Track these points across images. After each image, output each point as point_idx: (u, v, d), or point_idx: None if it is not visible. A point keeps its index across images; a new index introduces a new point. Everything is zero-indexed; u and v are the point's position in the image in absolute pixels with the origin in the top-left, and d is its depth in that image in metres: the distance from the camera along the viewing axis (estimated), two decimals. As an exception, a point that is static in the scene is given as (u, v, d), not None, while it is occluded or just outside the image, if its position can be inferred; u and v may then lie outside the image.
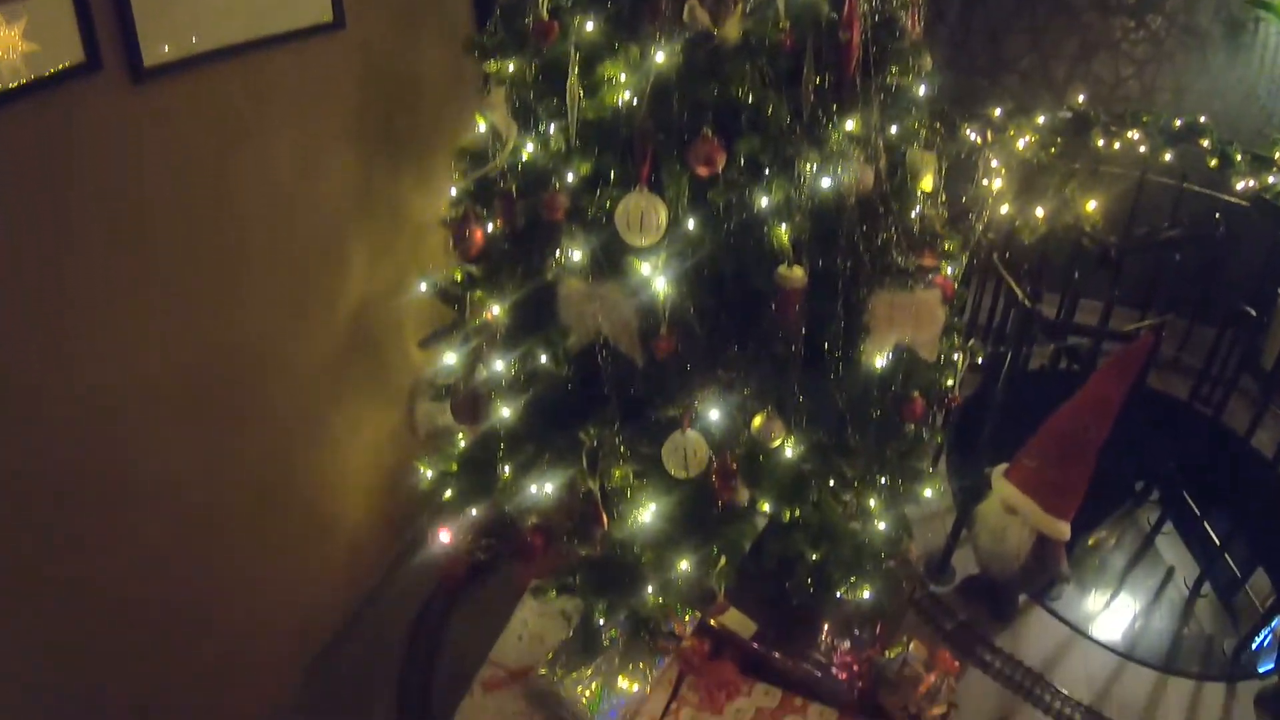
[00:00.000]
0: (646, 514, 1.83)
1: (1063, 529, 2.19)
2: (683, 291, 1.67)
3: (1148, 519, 2.74)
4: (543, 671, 1.91)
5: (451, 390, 1.97)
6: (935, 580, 2.47)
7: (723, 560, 1.88)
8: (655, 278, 1.61)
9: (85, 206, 1.41)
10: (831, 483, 1.90)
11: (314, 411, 2.09)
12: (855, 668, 1.97)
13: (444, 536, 1.98)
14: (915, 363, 1.94)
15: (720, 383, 1.76)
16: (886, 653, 1.97)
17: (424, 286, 2.03)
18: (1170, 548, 2.69)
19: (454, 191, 1.93)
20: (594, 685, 1.88)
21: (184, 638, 1.83)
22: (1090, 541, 2.72)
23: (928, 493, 2.05)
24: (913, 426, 2.04)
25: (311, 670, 2.22)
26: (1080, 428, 2.17)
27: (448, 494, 2.04)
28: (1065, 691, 2.31)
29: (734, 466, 1.78)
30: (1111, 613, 2.50)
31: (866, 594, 1.98)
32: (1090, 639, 2.41)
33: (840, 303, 1.72)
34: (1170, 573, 2.61)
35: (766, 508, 1.87)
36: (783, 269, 1.60)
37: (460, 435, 2.13)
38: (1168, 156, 2.88)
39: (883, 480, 2.02)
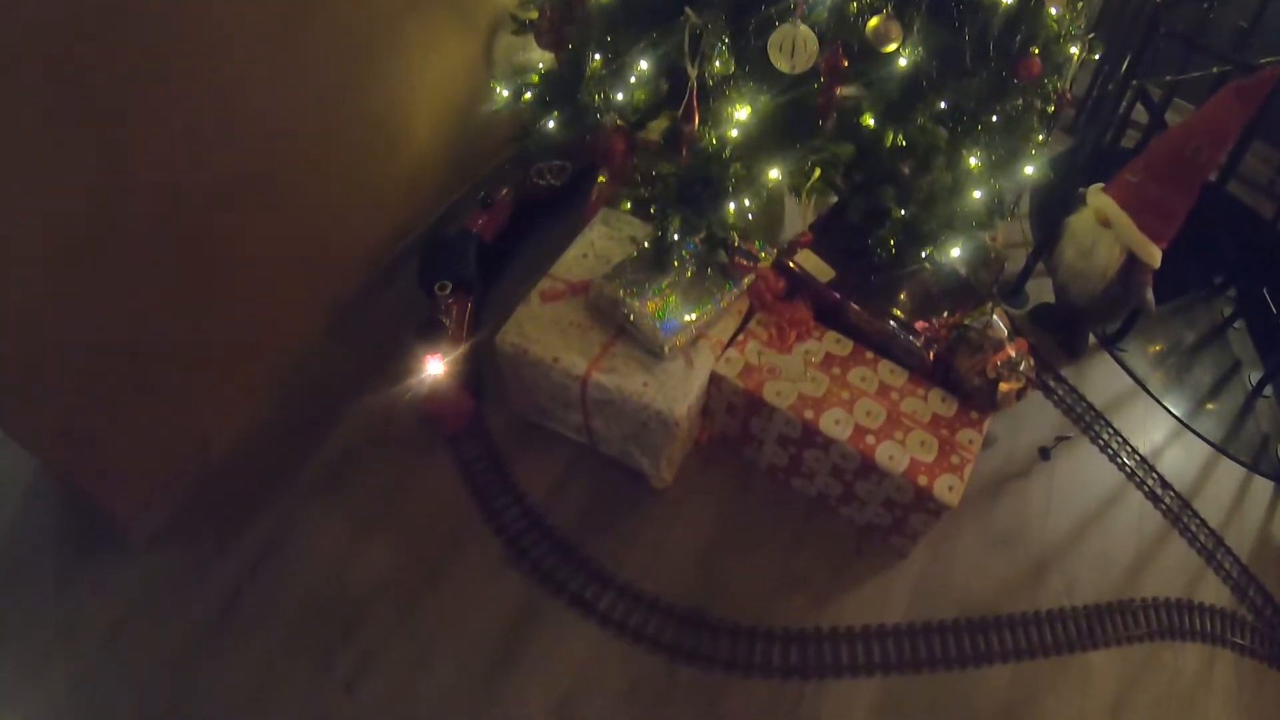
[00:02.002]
0: (741, 113, 1.68)
1: (1154, 253, 2.03)
2: None
3: (1222, 311, 2.59)
4: (604, 282, 1.76)
5: (538, 17, 1.81)
6: (1009, 302, 2.32)
7: (816, 173, 1.73)
8: None
9: None
10: (941, 106, 1.73)
11: (392, 15, 1.91)
12: (933, 332, 1.83)
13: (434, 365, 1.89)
14: (1038, 21, 1.77)
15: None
16: (968, 319, 1.82)
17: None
18: (1240, 345, 2.55)
19: None
20: (657, 301, 1.73)
21: (240, 257, 1.72)
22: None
23: (1028, 169, 1.89)
24: (1021, 99, 1.88)
25: (354, 304, 2.08)
26: (1192, 148, 2.00)
27: (525, 98, 1.88)
28: (1124, 435, 2.18)
29: (844, 63, 1.62)
30: (1175, 382, 2.36)
31: (955, 252, 1.84)
32: (1153, 397, 2.28)
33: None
34: (1237, 365, 2.47)
35: (870, 121, 1.72)
36: None
37: (541, 67, 1.97)
38: None
39: (985, 145, 1.86)
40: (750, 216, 1.78)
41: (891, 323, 1.83)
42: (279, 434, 1.97)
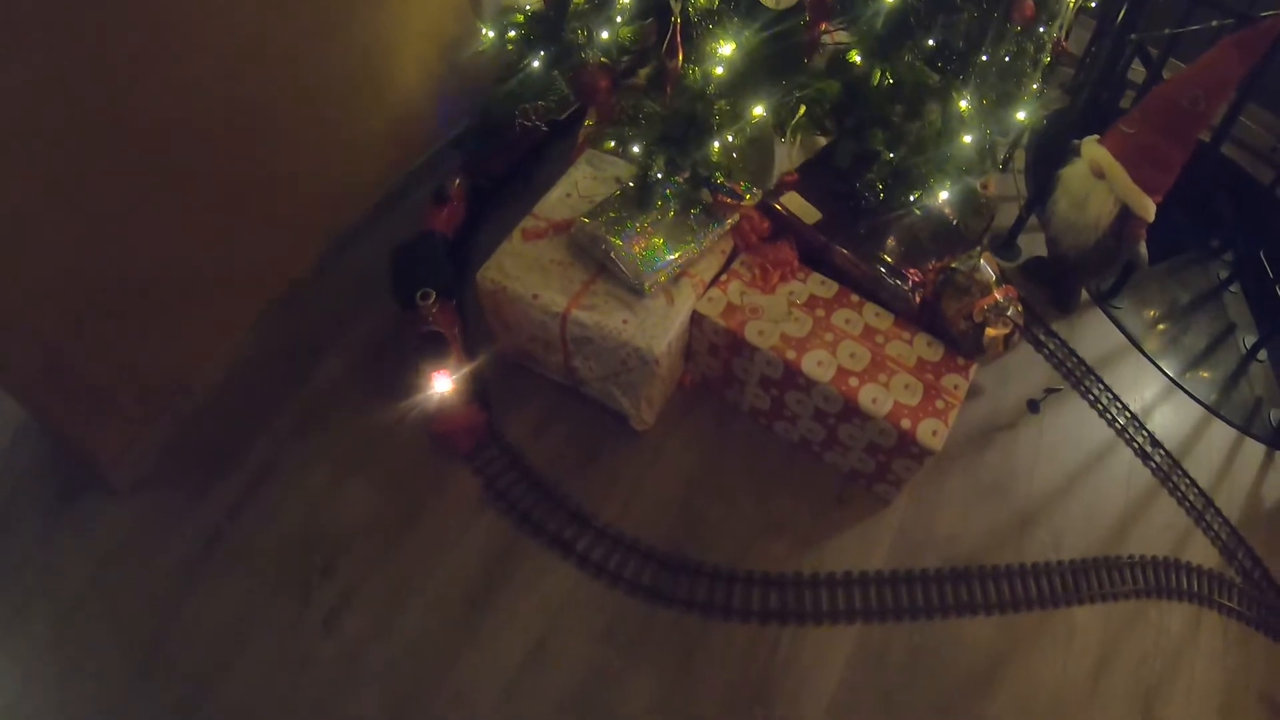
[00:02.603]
0: (726, 49, 1.64)
1: (1148, 205, 1.98)
2: None
3: (1218, 273, 2.54)
4: (586, 220, 1.73)
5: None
6: (1001, 255, 2.28)
7: (801, 110, 1.69)
8: None
9: None
10: (930, 44, 1.70)
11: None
12: (920, 276, 1.79)
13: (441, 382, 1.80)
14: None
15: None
16: (956, 262, 1.78)
17: None
18: (1235, 309, 2.50)
19: None
20: (641, 242, 1.70)
21: (225, 190, 1.69)
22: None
23: (1021, 115, 1.85)
24: (1015, 45, 1.84)
25: (345, 241, 2.05)
26: (1189, 98, 1.95)
27: (510, 37, 1.84)
28: (1115, 392, 2.15)
29: (833, -2, 1.58)
30: (1168, 341, 2.32)
31: (943, 196, 1.80)
32: (1145, 355, 2.24)
33: None
34: (1232, 328, 2.43)
35: (857, 58, 1.68)
36: None
37: (528, 8, 1.93)
38: None
39: (976, 89, 1.82)
40: (735, 156, 1.74)
41: (879, 266, 1.79)
42: (261, 375, 1.95)
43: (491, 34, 1.93)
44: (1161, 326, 2.34)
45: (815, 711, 1.64)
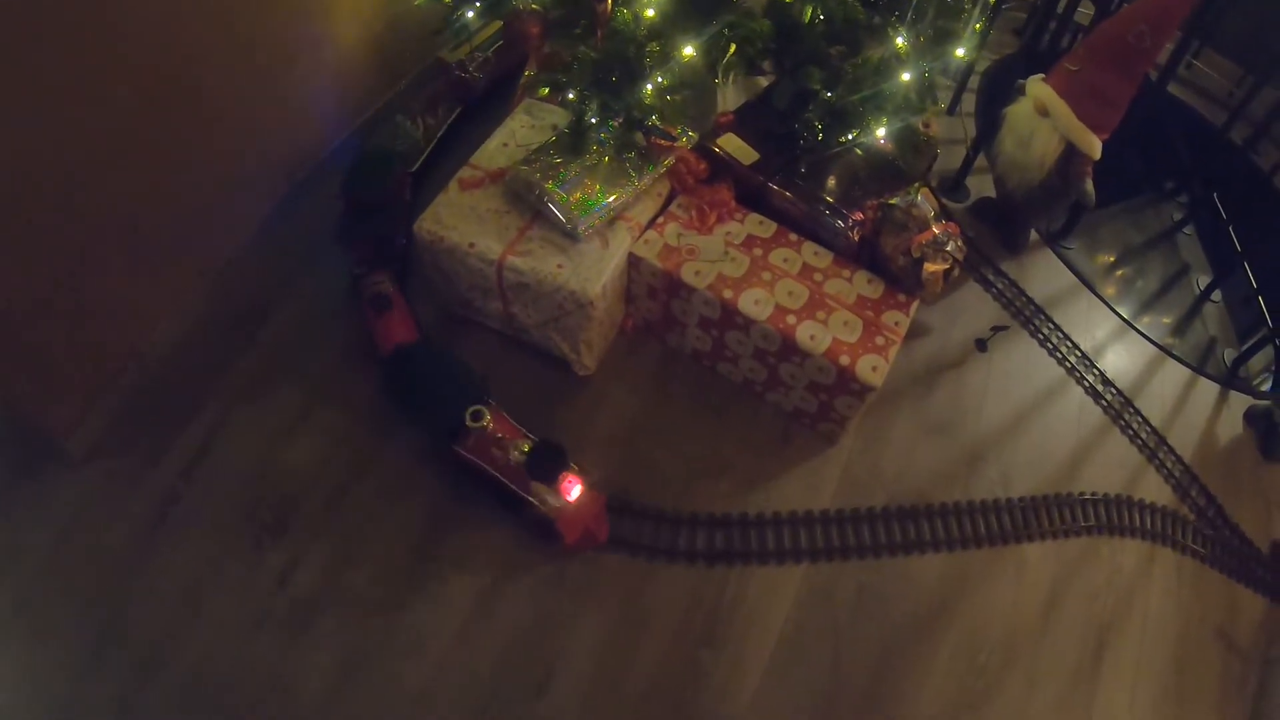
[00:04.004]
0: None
1: (1094, 143, 1.94)
2: None
3: (1172, 215, 2.50)
4: (521, 167, 1.69)
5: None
6: (950, 197, 2.24)
7: (732, 48, 1.65)
8: None
9: None
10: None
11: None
12: (859, 214, 1.75)
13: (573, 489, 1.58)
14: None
15: None
16: (895, 199, 1.74)
17: None
18: (1190, 251, 2.46)
19: None
20: (579, 192, 1.66)
21: (166, 152, 1.65)
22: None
23: (959, 51, 1.80)
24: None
25: (290, 202, 2.01)
26: (1135, 33, 1.90)
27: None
28: (1065, 331, 2.11)
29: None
30: (1120, 282, 2.28)
31: (881, 134, 1.75)
32: (1097, 295, 2.20)
33: None
34: (1186, 269, 2.39)
35: (788, -9, 1.63)
36: None
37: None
38: None
39: (912, 25, 1.77)
40: (671, 99, 1.70)
41: (818, 205, 1.75)
42: (210, 337, 1.91)
43: (426, -14, 1.88)
44: (1114, 267, 2.31)
45: (763, 651, 1.61)
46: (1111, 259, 2.33)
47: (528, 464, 1.57)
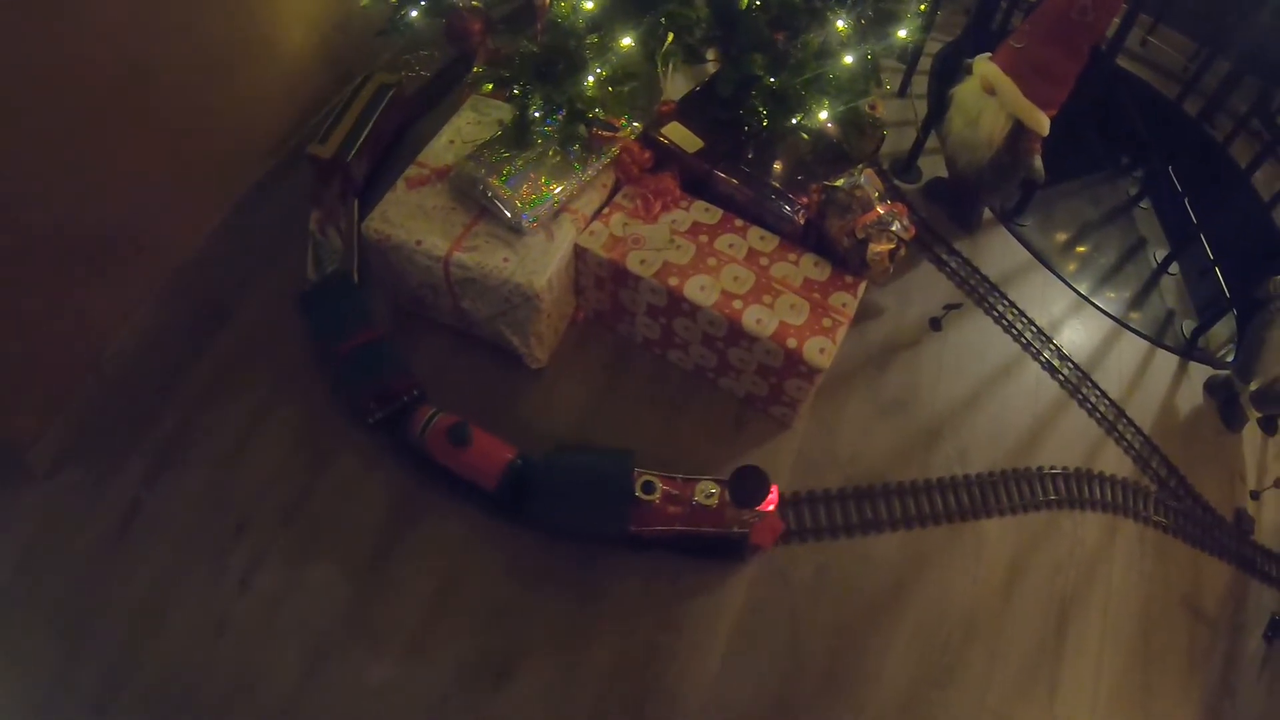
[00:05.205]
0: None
1: (1041, 119, 1.92)
2: None
3: (1128, 190, 2.48)
4: (465, 163, 1.67)
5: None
6: (902, 178, 2.22)
7: (669, 37, 1.63)
8: None
9: None
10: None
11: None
12: (804, 198, 1.73)
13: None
14: None
15: None
16: (840, 181, 1.72)
17: None
18: (1146, 225, 2.44)
19: None
20: (529, 184, 1.64)
21: (121, 156, 1.62)
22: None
23: (902, 33, 1.78)
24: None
25: (246, 204, 1.99)
26: (1077, 9, 1.88)
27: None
28: (1020, 308, 2.09)
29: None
30: (1076, 258, 2.26)
31: (823, 117, 1.73)
32: (1052, 271, 2.18)
33: None
34: (1142, 243, 2.37)
35: (724, -22, 1.61)
36: None
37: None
38: None
39: (852, 7, 1.74)
40: (611, 90, 1.68)
41: (760, 192, 1.73)
42: (169, 342, 1.89)
43: (370, -11, 1.86)
44: (1070, 243, 2.29)
45: (721, 635, 1.60)
46: (1068, 235, 2.31)
47: (735, 497, 1.52)
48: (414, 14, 1.80)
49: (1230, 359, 2.27)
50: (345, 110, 2.00)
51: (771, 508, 1.57)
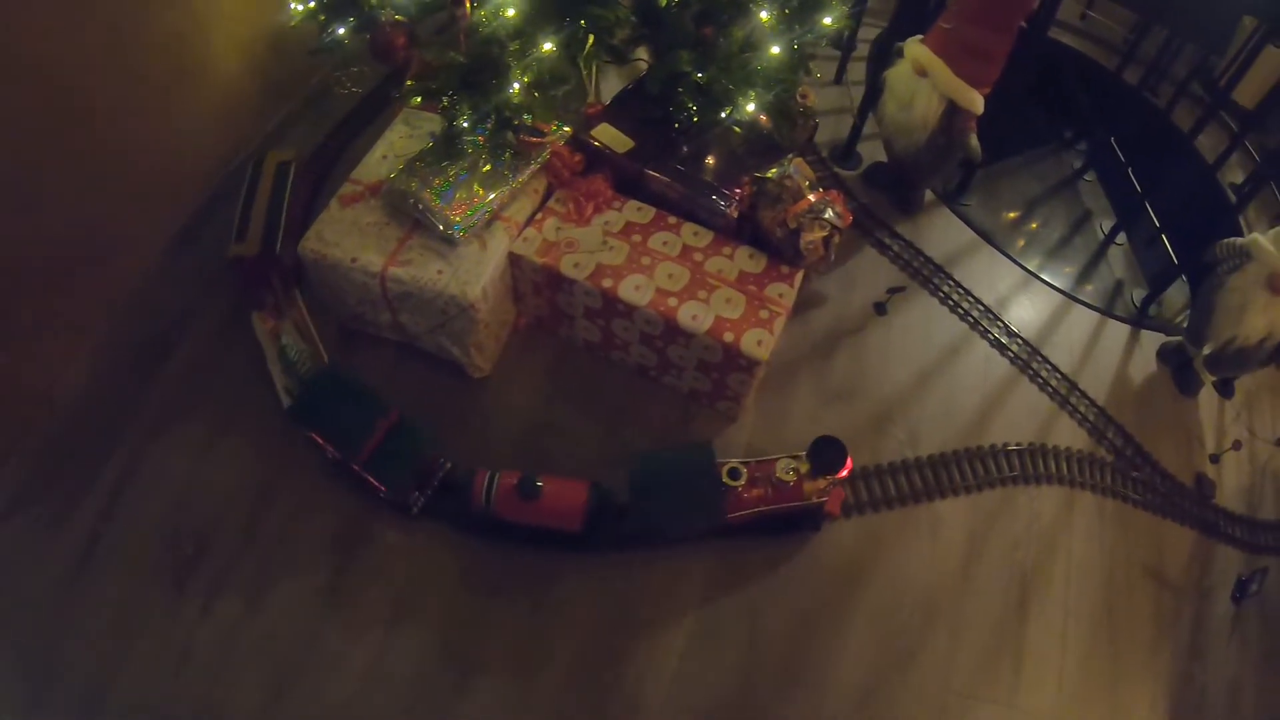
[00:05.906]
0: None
1: (974, 98, 1.92)
2: None
3: (1072, 163, 2.47)
4: (395, 177, 1.66)
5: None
6: (841, 165, 2.21)
7: (590, 40, 1.62)
8: None
9: None
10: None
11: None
12: (737, 191, 1.72)
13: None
14: None
15: None
16: (771, 171, 1.71)
17: None
18: (1092, 197, 2.43)
19: None
20: (463, 195, 1.63)
21: (54, 190, 1.59)
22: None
23: (827, 20, 1.77)
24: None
25: (187, 233, 1.97)
26: (1005, -15, 1.87)
27: (309, 8, 1.75)
28: (966, 287, 2.08)
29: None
30: (1023, 234, 2.26)
31: (751, 108, 1.72)
32: (997, 248, 2.17)
33: None
34: (1088, 215, 2.36)
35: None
36: None
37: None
38: None
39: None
40: (537, 95, 1.66)
41: (692, 188, 1.72)
42: (117, 374, 1.88)
43: (300, 7, 1.84)
44: (1016, 220, 2.28)
45: (679, 633, 1.59)
46: (1013, 213, 2.30)
47: (815, 468, 1.57)
48: (341, 30, 1.78)
49: (1186, 325, 2.27)
50: (252, 200, 1.90)
51: (845, 474, 1.58)
